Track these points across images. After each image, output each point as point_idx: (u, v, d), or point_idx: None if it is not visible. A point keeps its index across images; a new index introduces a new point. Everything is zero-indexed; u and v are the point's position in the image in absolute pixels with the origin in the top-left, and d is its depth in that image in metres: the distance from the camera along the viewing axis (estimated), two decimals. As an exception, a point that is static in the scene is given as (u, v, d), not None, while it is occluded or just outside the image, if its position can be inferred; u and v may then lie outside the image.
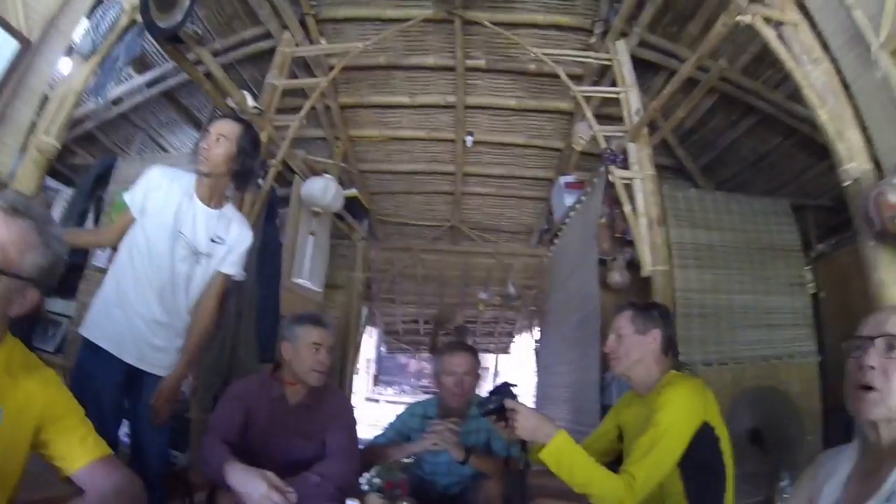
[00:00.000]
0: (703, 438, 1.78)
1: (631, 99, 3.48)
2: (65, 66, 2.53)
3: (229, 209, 2.45)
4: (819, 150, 3.93)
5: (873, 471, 1.12)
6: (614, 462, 1.88)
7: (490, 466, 2.49)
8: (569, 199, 5.04)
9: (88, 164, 5.01)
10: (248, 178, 2.46)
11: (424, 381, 14.44)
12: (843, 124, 2.04)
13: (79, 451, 1.35)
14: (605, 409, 3.04)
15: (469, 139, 5.39)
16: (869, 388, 1.14)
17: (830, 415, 3.54)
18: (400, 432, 2.74)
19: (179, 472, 2.67)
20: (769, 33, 2.26)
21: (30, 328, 3.65)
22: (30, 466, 1.35)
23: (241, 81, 4.18)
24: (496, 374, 11.92)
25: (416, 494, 2.53)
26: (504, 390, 1.82)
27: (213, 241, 2.35)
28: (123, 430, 2.37)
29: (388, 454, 2.55)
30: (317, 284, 4.95)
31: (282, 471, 2.16)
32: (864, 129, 2.01)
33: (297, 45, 4.17)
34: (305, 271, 4.63)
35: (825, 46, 2.12)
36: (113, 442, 2.21)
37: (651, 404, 1.84)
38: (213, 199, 2.38)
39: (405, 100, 5.17)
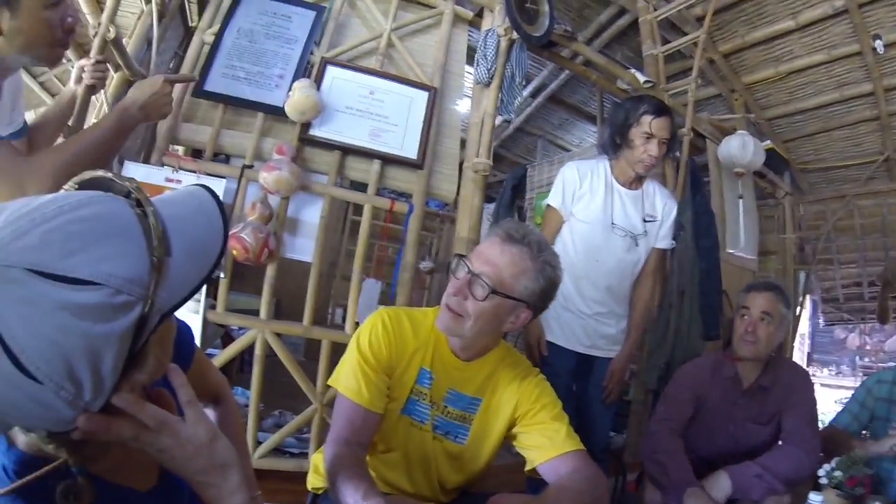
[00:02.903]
0: None
1: None
2: (463, 101, 3.03)
3: (648, 185, 2.50)
4: None
5: None
6: None
7: None
8: None
9: (500, 179, 5.79)
10: (670, 149, 2.51)
11: (867, 360, 11.78)
12: None
13: (547, 445, 1.41)
14: None
15: (878, 43, 4.35)
16: None
17: None
18: (864, 405, 2.39)
19: (614, 452, 2.81)
20: None
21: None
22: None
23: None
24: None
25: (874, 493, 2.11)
26: None
27: (645, 220, 2.43)
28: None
29: (849, 445, 2.19)
30: (751, 252, 4.62)
31: (732, 458, 2.07)
32: None
33: (654, 8, 3.98)
34: (740, 239, 4.36)
35: None
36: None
37: None
38: (633, 181, 2.45)
39: (789, 24, 4.45)
